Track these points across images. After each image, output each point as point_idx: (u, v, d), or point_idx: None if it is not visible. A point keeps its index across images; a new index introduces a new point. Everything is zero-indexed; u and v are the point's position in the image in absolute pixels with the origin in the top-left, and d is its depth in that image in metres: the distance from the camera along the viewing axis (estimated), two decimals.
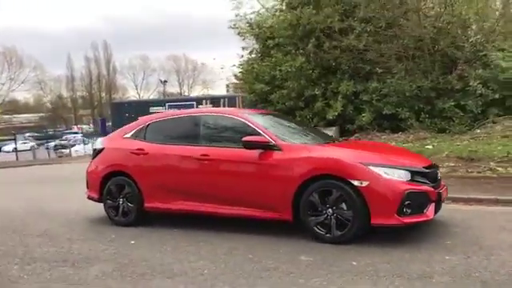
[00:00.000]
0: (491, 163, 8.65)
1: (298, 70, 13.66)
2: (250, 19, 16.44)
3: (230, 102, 18.44)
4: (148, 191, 5.82)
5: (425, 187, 4.67)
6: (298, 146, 5.10)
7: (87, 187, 6.51)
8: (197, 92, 62.06)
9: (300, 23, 14.11)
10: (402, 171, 4.65)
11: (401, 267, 3.96)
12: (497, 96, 12.14)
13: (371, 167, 4.60)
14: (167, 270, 4.27)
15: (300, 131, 5.91)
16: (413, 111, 13.03)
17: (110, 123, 33.83)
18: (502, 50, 12.54)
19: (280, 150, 5.04)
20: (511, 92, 12.02)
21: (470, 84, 12.24)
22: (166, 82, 50.45)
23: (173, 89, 63.29)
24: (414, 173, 4.70)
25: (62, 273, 4.40)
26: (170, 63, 65.87)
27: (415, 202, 4.55)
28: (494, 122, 12.09)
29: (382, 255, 4.30)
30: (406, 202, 4.49)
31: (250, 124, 5.37)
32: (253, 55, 16.68)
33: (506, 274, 3.68)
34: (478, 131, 11.86)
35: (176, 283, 3.94)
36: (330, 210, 4.72)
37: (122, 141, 6.20)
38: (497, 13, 14.95)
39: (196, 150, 5.50)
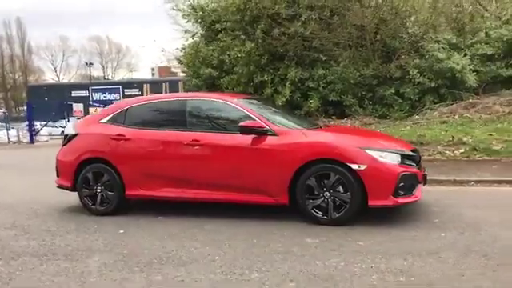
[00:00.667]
0: (439, 147, 9.33)
1: (247, 55, 13.65)
2: (193, 1, 16.11)
3: (172, 86, 18.01)
4: (130, 178, 5.60)
5: (414, 169, 4.98)
6: (293, 131, 5.18)
7: (57, 175, 6.12)
8: (121, 75, 59.73)
9: (248, 8, 14.09)
10: (394, 155, 4.91)
11: (406, 245, 4.21)
12: (432, 84, 13.02)
13: (368, 151, 4.80)
14: (175, 258, 4.18)
15: (286, 116, 5.98)
16: (356, 98, 13.61)
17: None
18: (438, 41, 13.45)
19: (275, 134, 5.09)
20: (445, 81, 12.96)
21: (410, 73, 13.01)
22: (91, 64, 47.94)
23: (96, 72, 60.34)
24: (403, 156, 4.98)
25: (57, 267, 4.13)
26: (92, 45, 62.61)
27: (407, 183, 4.84)
28: (430, 109, 13.01)
29: (382, 235, 4.53)
30: (400, 184, 4.76)
31: (241, 109, 5.36)
32: (196, 38, 16.40)
33: (502, 247, 4.05)
34: (417, 117, 12.69)
35: (191, 271, 3.86)
36: (327, 193, 4.86)
37: (98, 126, 5.88)
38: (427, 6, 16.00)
39: (185, 136, 5.38)
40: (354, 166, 4.73)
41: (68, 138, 6.01)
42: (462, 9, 15.72)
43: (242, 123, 5.10)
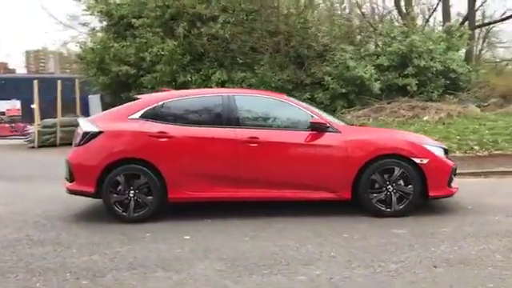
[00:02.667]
0: None
1: (169, 53, 13.14)
2: None
3: (66, 83, 16.10)
4: (175, 180, 5.05)
5: (454, 162, 5.54)
6: (355, 128, 5.35)
7: (72, 179, 5.17)
8: None
9: (167, 5, 13.60)
10: (441, 149, 5.42)
11: (483, 228, 4.65)
12: (343, 90, 14.24)
13: (427, 146, 5.21)
14: (291, 258, 3.97)
15: (328, 114, 6.03)
16: None
17: None
18: (345, 51, 14.73)
19: (338, 131, 5.16)
20: (354, 87, 14.28)
21: (325, 79, 14.03)
22: None
23: None
24: (445, 150, 5.52)
25: (168, 279, 3.63)
26: None
27: (453, 175, 5.37)
28: (342, 113, 14.19)
29: (451, 222, 4.93)
30: (452, 176, 5.27)
31: (298, 107, 5.34)
32: (98, 33, 15.22)
33: None
34: None
35: (326, 269, 3.72)
36: (390, 186, 5.12)
37: (129, 122, 5.15)
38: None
39: (241, 133, 5.09)
40: (417, 160, 5.08)
41: (90, 137, 5.11)
42: (351, 23, 17.54)
43: (312, 120, 5.09)
